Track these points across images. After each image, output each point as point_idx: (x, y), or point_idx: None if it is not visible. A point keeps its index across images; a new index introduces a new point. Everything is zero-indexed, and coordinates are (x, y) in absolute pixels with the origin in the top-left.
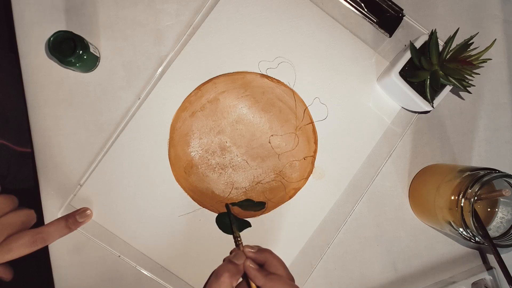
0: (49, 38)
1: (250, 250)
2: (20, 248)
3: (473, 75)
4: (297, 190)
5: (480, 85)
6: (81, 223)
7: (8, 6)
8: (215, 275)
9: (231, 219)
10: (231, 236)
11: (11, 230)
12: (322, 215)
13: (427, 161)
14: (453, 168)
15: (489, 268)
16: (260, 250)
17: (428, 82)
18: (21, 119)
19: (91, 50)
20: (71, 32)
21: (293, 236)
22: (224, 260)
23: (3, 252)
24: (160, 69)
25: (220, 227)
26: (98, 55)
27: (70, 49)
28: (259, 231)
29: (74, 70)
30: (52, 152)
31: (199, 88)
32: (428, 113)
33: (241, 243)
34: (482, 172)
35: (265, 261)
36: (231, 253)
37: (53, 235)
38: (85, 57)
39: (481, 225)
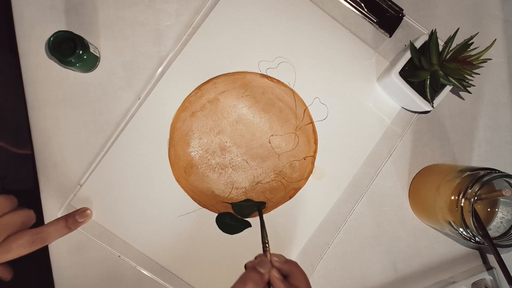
0: (49, 38)
1: (276, 259)
2: (20, 248)
3: (473, 75)
4: (297, 190)
5: (480, 85)
6: (81, 223)
7: (8, 6)
8: (240, 282)
9: (262, 225)
10: (231, 236)
11: (11, 230)
12: (322, 215)
13: (427, 161)
14: (453, 168)
15: (489, 268)
16: (286, 261)
17: (428, 82)
18: (20, 120)
19: (91, 50)
20: (71, 32)
21: (293, 236)
22: (246, 266)
23: (3, 252)
24: (160, 69)
25: (220, 227)
26: (98, 55)
27: (70, 49)
28: (259, 231)
29: (74, 70)
30: (52, 152)
31: (199, 88)
32: (428, 113)
33: (269, 249)
34: (482, 172)
35: (289, 272)
36: (256, 258)
37: (53, 235)
38: (85, 57)
39: (481, 225)
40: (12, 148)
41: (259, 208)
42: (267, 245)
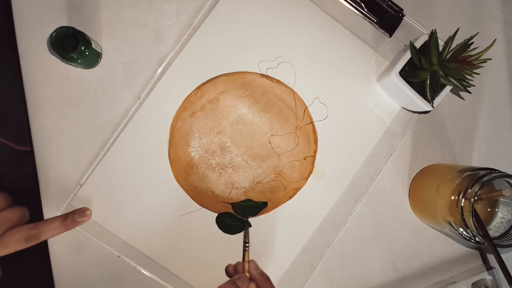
0: (51, 34)
1: (254, 267)
2: (17, 243)
3: (473, 75)
4: (297, 190)
5: (480, 85)
6: (79, 222)
7: (8, 6)
8: None
9: (247, 227)
10: (231, 236)
11: (8, 225)
12: (322, 215)
13: (427, 161)
14: (453, 168)
15: (489, 268)
16: (262, 273)
17: (428, 82)
18: (20, 118)
19: (93, 46)
20: (73, 28)
21: (293, 236)
22: (227, 271)
23: (1, 246)
24: (160, 69)
25: (220, 227)
26: (100, 51)
27: (72, 45)
28: (259, 231)
29: (76, 66)
30: (52, 152)
31: (199, 88)
32: (428, 113)
33: (248, 250)
34: (482, 172)
35: (260, 285)
36: (234, 270)
37: (48, 233)
38: (87, 53)
39: (481, 225)
40: (13, 144)
41: (256, 207)
42: (247, 244)
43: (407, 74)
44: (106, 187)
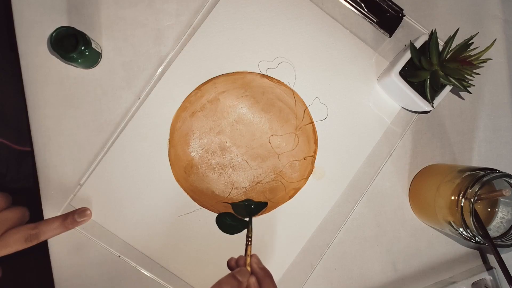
0: (51, 34)
1: (256, 261)
2: (17, 243)
3: (473, 75)
4: (297, 190)
5: (480, 85)
6: (79, 222)
7: (8, 6)
8: (217, 285)
9: (250, 220)
10: (231, 236)
11: (8, 225)
12: (322, 215)
13: (427, 161)
14: (453, 168)
15: (489, 268)
16: (263, 268)
17: (428, 82)
18: (20, 118)
19: (93, 46)
20: (73, 28)
21: (293, 236)
22: (228, 264)
23: (1, 246)
24: (160, 69)
25: (220, 227)
26: (100, 51)
27: (72, 45)
28: (259, 231)
29: (76, 66)
30: (52, 152)
31: (199, 88)
32: (428, 113)
33: (251, 244)
34: (482, 172)
35: (262, 280)
36: (236, 263)
37: (48, 233)
38: (87, 53)
39: (481, 225)
40: (13, 144)
41: (256, 207)
42: (250, 239)
43: (407, 74)
44: (106, 187)
